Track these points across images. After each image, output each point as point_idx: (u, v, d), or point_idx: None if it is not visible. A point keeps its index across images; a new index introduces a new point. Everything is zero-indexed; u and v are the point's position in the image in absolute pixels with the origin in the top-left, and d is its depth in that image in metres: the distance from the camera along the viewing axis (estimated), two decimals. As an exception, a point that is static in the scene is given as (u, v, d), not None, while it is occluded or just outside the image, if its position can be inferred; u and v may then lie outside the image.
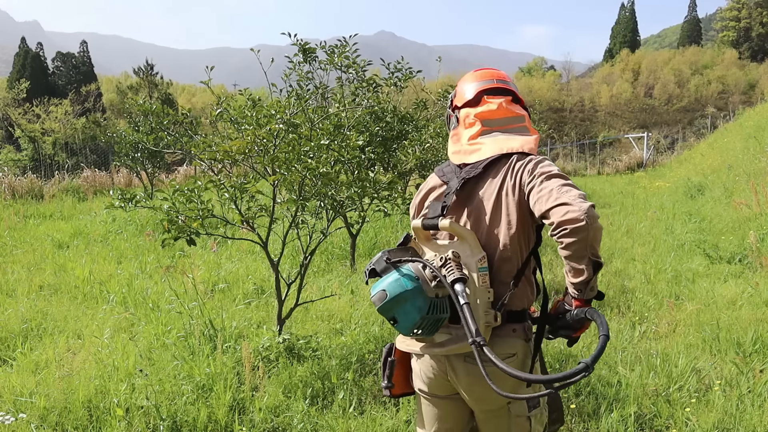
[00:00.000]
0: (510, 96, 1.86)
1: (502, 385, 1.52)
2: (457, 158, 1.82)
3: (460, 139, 1.85)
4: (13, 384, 3.34)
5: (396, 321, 1.59)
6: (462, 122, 1.86)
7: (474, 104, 1.84)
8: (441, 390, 1.78)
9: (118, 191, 3.43)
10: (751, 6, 50.60)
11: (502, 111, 1.81)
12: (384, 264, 1.64)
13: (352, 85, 4.92)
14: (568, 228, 1.46)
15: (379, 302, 1.58)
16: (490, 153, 1.74)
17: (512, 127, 1.80)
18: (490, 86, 1.85)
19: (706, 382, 3.42)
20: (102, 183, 16.91)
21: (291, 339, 3.83)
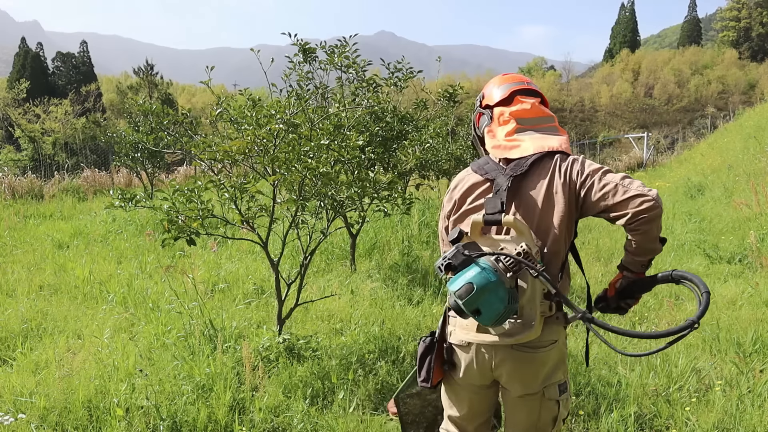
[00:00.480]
0: (539, 98, 1.99)
1: (542, 368, 1.79)
2: (497, 152, 1.91)
3: (496, 135, 1.94)
4: (13, 384, 3.34)
5: (480, 313, 1.62)
6: (496, 119, 1.96)
7: (507, 103, 1.97)
8: (479, 380, 1.89)
9: (118, 191, 3.43)
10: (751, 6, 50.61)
11: (535, 110, 1.94)
12: (462, 257, 1.67)
13: (352, 85, 4.92)
14: (647, 215, 1.64)
15: (467, 295, 1.60)
16: (531, 150, 1.84)
17: (544, 126, 1.93)
18: (521, 87, 1.98)
19: (706, 382, 3.42)
20: (102, 183, 16.91)
21: (291, 339, 3.83)
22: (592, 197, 1.74)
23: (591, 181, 1.75)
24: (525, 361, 1.79)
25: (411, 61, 5.31)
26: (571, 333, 4.35)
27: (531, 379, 1.81)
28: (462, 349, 1.89)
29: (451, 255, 1.68)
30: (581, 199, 1.78)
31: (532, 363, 1.79)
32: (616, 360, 3.75)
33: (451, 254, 1.68)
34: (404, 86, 5.28)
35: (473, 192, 1.91)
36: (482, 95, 2.07)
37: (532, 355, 1.78)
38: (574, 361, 3.68)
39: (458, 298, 1.61)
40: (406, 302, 5.06)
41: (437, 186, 10.25)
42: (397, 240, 6.90)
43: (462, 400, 1.98)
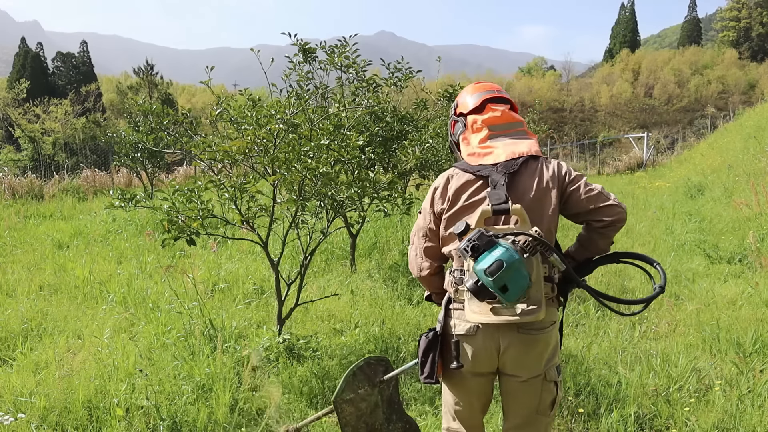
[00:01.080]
0: (508, 105, 2.14)
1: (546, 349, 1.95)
2: (472, 159, 2.06)
3: (470, 142, 2.10)
4: (13, 384, 3.34)
5: (507, 290, 1.74)
6: (470, 127, 2.12)
7: (479, 111, 2.12)
8: (485, 367, 1.98)
9: (118, 191, 3.43)
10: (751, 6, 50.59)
11: (505, 117, 2.09)
12: (487, 238, 1.78)
13: (352, 85, 4.92)
14: (619, 225, 1.96)
15: (498, 271, 1.71)
16: (504, 156, 2.00)
17: (513, 131, 2.09)
18: (492, 96, 2.13)
19: (706, 382, 3.42)
20: (102, 183, 16.91)
21: (291, 339, 3.83)
22: (579, 196, 1.97)
23: (578, 184, 1.99)
24: (530, 344, 1.91)
25: (411, 61, 5.32)
26: (571, 333, 4.36)
27: (536, 361, 1.94)
28: (470, 338, 1.95)
29: (476, 237, 1.77)
30: (566, 196, 2.00)
31: (537, 344, 1.92)
32: (616, 360, 3.75)
33: (476, 236, 1.78)
34: (404, 86, 5.28)
35: (467, 189, 2.01)
36: (456, 104, 2.22)
37: (536, 336, 1.91)
38: (574, 361, 3.68)
39: (489, 275, 1.72)
40: (406, 302, 5.06)
41: (437, 186, 10.25)
42: (397, 240, 6.90)
43: (469, 392, 2.05)
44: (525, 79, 44.54)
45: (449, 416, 2.12)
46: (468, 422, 2.10)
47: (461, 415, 2.09)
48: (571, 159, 28.61)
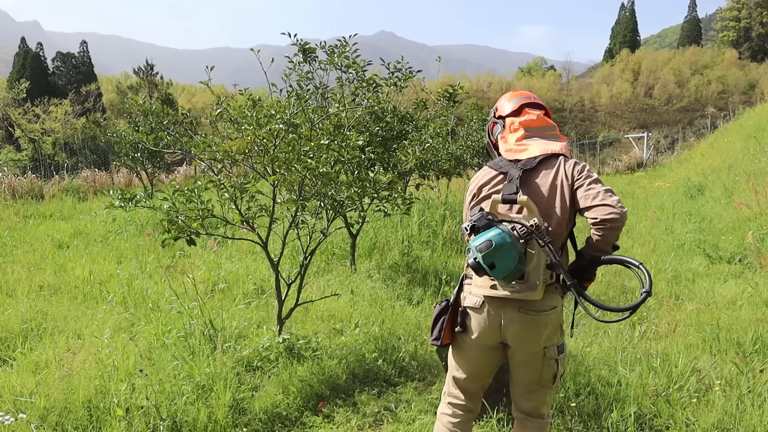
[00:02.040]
0: (543, 110, 2.39)
1: (544, 330, 2.13)
2: (509, 155, 2.29)
3: (508, 140, 2.33)
4: (13, 384, 3.34)
5: (494, 266, 1.97)
6: (508, 128, 2.35)
7: (516, 114, 2.36)
8: (490, 340, 2.20)
9: (118, 191, 3.43)
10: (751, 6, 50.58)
11: (540, 121, 2.33)
12: (486, 221, 2.02)
13: (352, 85, 4.92)
14: (610, 225, 2.04)
15: (486, 249, 1.95)
16: (538, 152, 2.22)
17: (548, 134, 2.32)
18: (529, 101, 2.38)
19: (706, 382, 3.42)
20: (102, 183, 16.92)
21: (291, 339, 3.83)
22: (579, 194, 2.14)
23: (583, 182, 2.15)
24: (530, 323, 2.11)
25: (411, 61, 5.31)
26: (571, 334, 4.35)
27: (535, 339, 2.14)
28: (476, 311, 2.19)
29: (476, 218, 2.03)
30: (574, 192, 2.16)
31: (536, 325, 2.12)
32: (617, 360, 3.75)
33: (476, 217, 2.03)
34: (404, 86, 5.27)
35: (489, 183, 2.27)
36: (495, 108, 2.46)
37: (536, 317, 2.11)
38: (574, 361, 3.68)
39: (479, 251, 1.96)
40: (406, 302, 5.06)
41: (437, 186, 10.25)
42: (397, 240, 6.90)
43: (470, 361, 2.28)
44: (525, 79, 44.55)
45: (450, 382, 2.37)
46: (466, 389, 2.32)
47: (460, 382, 2.32)
48: (571, 159, 28.56)
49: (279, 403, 3.31)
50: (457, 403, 2.34)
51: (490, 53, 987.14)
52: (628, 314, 2.08)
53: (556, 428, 3.02)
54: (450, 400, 2.36)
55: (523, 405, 2.29)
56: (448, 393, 2.37)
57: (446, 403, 2.37)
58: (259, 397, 3.38)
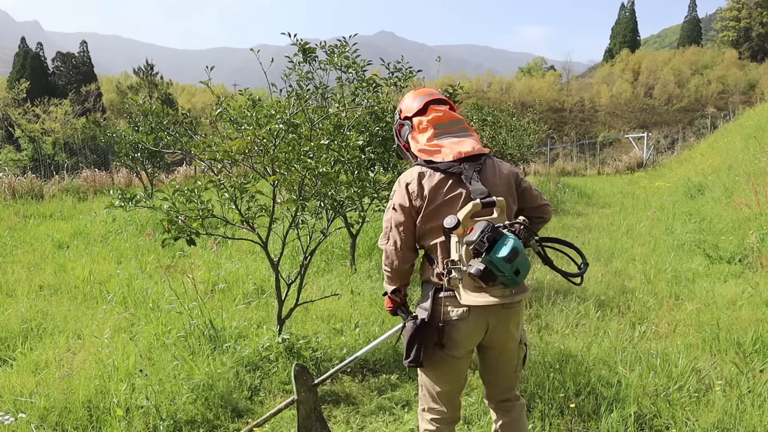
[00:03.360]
0: (448, 105, 2.38)
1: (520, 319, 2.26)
2: (423, 155, 2.24)
3: (419, 141, 2.29)
4: (13, 384, 3.34)
5: (519, 273, 1.97)
6: (416, 128, 2.32)
7: (423, 113, 2.33)
8: (472, 344, 2.21)
9: (118, 191, 3.43)
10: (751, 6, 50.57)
11: (447, 116, 2.31)
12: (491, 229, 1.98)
13: (352, 85, 4.91)
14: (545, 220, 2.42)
15: (515, 257, 1.94)
16: (451, 156, 2.19)
17: (456, 128, 2.30)
18: (433, 98, 2.36)
19: (706, 382, 3.42)
20: (102, 183, 16.90)
21: (291, 339, 3.83)
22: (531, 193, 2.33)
23: (527, 182, 2.34)
24: (513, 317, 2.19)
25: (411, 61, 5.30)
26: (571, 333, 4.36)
27: (515, 331, 2.23)
28: (461, 322, 2.14)
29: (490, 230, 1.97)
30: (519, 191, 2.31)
31: (517, 316, 2.21)
32: (616, 360, 3.75)
33: (489, 230, 1.97)
34: (404, 86, 5.27)
35: (443, 186, 2.16)
36: (400, 110, 2.44)
37: (517, 309, 2.20)
38: (574, 361, 3.68)
39: (508, 261, 1.93)
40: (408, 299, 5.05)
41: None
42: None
43: (457, 372, 2.23)
44: (525, 79, 44.53)
45: (429, 398, 2.28)
46: (450, 402, 2.27)
47: (444, 397, 2.25)
48: (571, 159, 28.59)
49: (278, 403, 3.31)
50: (441, 417, 2.27)
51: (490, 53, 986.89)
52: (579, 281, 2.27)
53: (556, 428, 3.02)
54: (432, 416, 2.27)
55: (504, 394, 2.35)
56: (428, 409, 2.28)
57: (428, 420, 2.28)
58: (258, 397, 3.39)
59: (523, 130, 14.65)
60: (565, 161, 27.29)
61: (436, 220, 2.14)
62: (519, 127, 14.38)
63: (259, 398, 3.43)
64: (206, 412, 3.18)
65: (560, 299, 5.11)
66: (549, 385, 3.33)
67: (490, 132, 12.45)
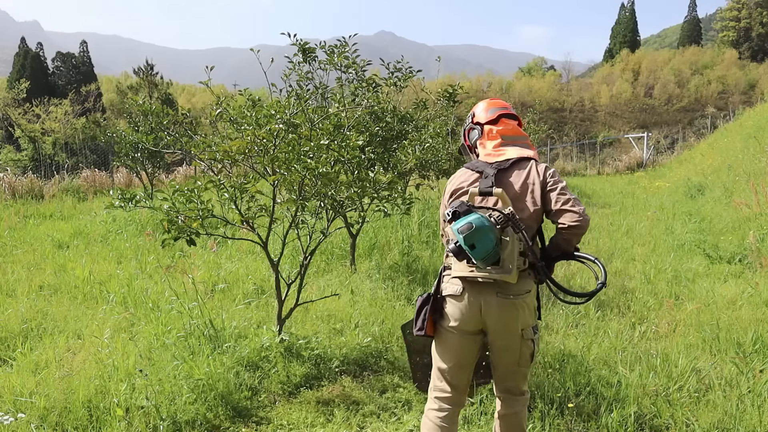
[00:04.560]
0: (517, 121, 2.63)
1: (521, 314, 2.30)
2: (488, 158, 2.50)
3: (486, 146, 2.54)
4: (13, 384, 3.34)
5: (474, 247, 2.18)
6: (486, 135, 2.56)
7: (494, 123, 2.57)
8: (470, 326, 2.34)
9: (118, 191, 3.43)
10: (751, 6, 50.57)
11: (515, 131, 2.58)
12: (465, 207, 2.25)
13: (352, 85, 4.91)
14: (574, 230, 2.31)
15: (467, 231, 2.16)
16: (513, 156, 2.46)
17: (520, 142, 2.56)
18: (506, 111, 2.60)
19: (706, 382, 3.42)
20: (102, 183, 16.90)
21: (291, 339, 3.83)
22: (551, 197, 2.36)
23: (556, 186, 2.38)
24: (507, 306, 2.29)
25: (411, 61, 5.30)
26: (571, 333, 4.36)
27: (512, 322, 2.31)
28: (456, 298, 2.35)
29: (457, 205, 2.25)
30: (545, 193, 2.38)
31: (513, 308, 2.29)
32: (616, 360, 3.75)
33: (457, 204, 2.26)
34: (404, 86, 5.27)
35: (468, 181, 2.48)
36: (473, 114, 2.65)
37: (513, 301, 2.28)
38: (574, 361, 3.68)
39: (460, 233, 2.16)
40: (405, 302, 5.06)
41: (437, 186, 10.25)
42: (397, 240, 6.90)
43: (453, 350, 2.40)
44: (525, 79, 44.53)
45: (436, 375, 2.47)
46: (453, 381, 2.42)
47: (446, 374, 2.42)
48: (571, 159, 28.58)
49: (278, 403, 3.31)
50: (443, 396, 2.43)
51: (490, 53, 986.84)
52: (585, 300, 2.37)
53: (556, 428, 3.02)
54: (436, 394, 2.45)
55: (506, 385, 2.47)
56: (434, 387, 2.48)
57: (433, 398, 2.46)
58: (258, 397, 3.38)
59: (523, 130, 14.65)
60: (565, 161, 27.30)
61: None
62: (519, 127, 14.36)
63: (259, 398, 3.43)
64: (206, 412, 3.19)
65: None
66: (549, 385, 3.34)
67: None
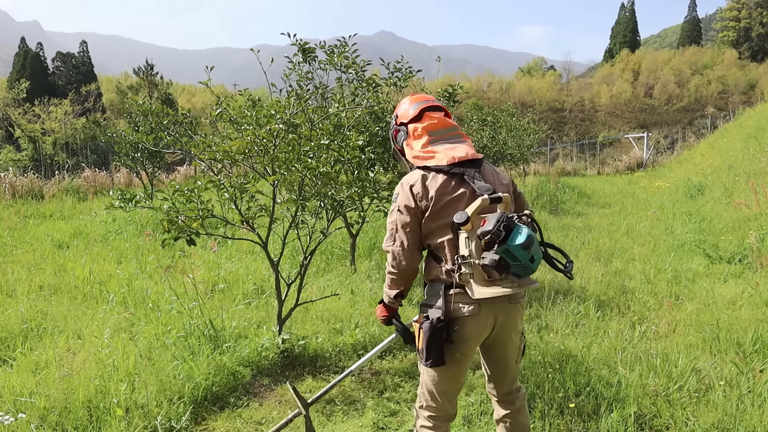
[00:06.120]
0: (443, 112, 2.42)
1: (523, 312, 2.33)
2: (418, 162, 2.31)
3: (414, 147, 2.35)
4: (13, 384, 3.34)
5: (533, 260, 2.06)
6: (411, 134, 2.37)
7: (418, 120, 2.37)
8: (478, 341, 2.24)
9: (118, 191, 3.43)
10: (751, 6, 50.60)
11: (442, 123, 2.36)
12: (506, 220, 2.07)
13: (352, 85, 4.91)
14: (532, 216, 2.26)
15: (531, 245, 2.03)
16: (445, 161, 2.24)
17: (450, 135, 2.35)
18: (428, 104, 2.39)
19: (706, 382, 3.42)
20: (102, 183, 16.91)
21: (291, 339, 3.83)
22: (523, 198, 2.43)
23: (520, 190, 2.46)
24: (518, 311, 2.27)
25: (411, 61, 5.30)
26: (571, 333, 4.36)
27: (520, 323, 2.31)
28: (473, 317, 2.16)
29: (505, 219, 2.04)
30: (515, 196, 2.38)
31: (521, 309, 2.30)
32: (617, 360, 3.75)
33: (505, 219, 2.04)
34: (404, 86, 5.26)
35: (447, 187, 2.21)
36: (396, 115, 2.47)
37: (522, 302, 2.29)
38: (574, 361, 3.68)
39: (524, 249, 2.00)
40: (406, 302, 5.06)
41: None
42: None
43: (462, 370, 2.26)
44: (525, 79, 44.55)
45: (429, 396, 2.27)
46: (450, 400, 2.28)
47: (445, 395, 2.26)
48: (571, 159, 28.59)
49: (278, 404, 3.31)
50: (438, 415, 2.27)
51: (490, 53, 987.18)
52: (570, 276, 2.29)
53: (556, 428, 3.02)
54: (430, 414, 2.28)
55: (510, 387, 2.41)
56: (427, 407, 2.28)
57: (426, 417, 2.29)
58: (258, 398, 3.38)
59: (523, 130, 14.65)
60: (565, 161, 27.30)
61: (443, 219, 2.18)
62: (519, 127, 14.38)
63: (259, 398, 3.43)
64: (205, 412, 3.19)
65: (560, 299, 5.11)
66: (549, 385, 3.33)
67: (490, 132, 12.45)
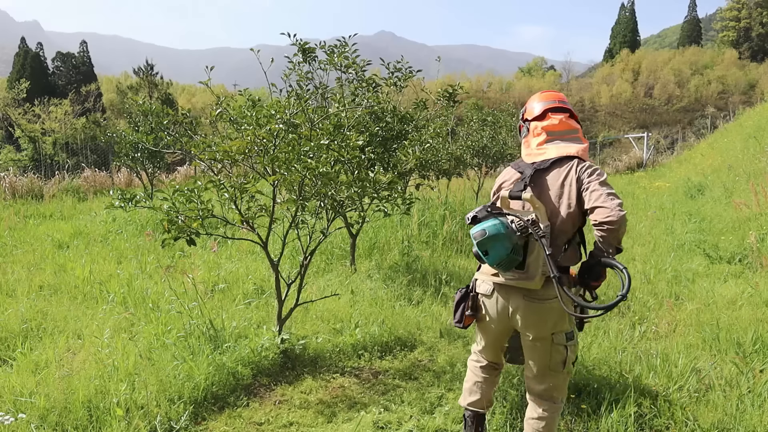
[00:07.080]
0: (567, 113, 2.51)
1: (549, 317, 2.33)
2: (529, 159, 2.48)
3: (530, 145, 2.51)
4: (13, 384, 3.34)
5: (487, 254, 2.22)
6: (531, 132, 2.53)
7: (540, 119, 2.51)
8: (501, 324, 2.49)
9: (118, 191, 3.42)
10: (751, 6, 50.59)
11: (562, 125, 2.47)
12: (485, 212, 2.28)
13: (352, 85, 4.91)
14: (605, 227, 2.17)
15: (480, 237, 2.19)
16: (554, 155, 2.40)
17: (569, 137, 2.47)
18: (553, 105, 2.51)
19: (706, 382, 3.42)
20: (102, 183, 16.91)
21: (291, 339, 3.83)
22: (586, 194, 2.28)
23: (589, 184, 2.28)
24: (534, 310, 2.34)
25: (411, 61, 5.30)
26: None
27: (541, 325, 2.35)
28: (487, 297, 2.47)
29: (477, 210, 2.28)
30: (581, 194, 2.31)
31: (541, 312, 2.33)
32: (617, 360, 3.75)
33: (477, 210, 2.28)
34: (404, 86, 5.27)
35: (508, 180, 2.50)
36: (524, 109, 2.62)
37: (540, 305, 2.33)
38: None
39: (474, 239, 2.20)
40: (406, 302, 5.06)
41: (437, 186, 10.26)
42: (397, 240, 6.90)
43: (486, 336, 2.61)
44: (525, 79, 44.59)
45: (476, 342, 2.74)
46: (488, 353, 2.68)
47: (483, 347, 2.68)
48: (571, 159, 28.56)
49: (278, 404, 3.31)
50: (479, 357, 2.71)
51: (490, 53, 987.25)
52: (602, 313, 2.23)
53: (556, 428, 3.01)
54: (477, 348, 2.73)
55: (534, 388, 2.49)
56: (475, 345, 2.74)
57: (474, 352, 2.74)
58: (258, 397, 3.38)
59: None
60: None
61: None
62: (519, 127, 14.36)
63: (259, 398, 3.43)
64: (205, 412, 3.19)
65: (560, 299, 5.11)
66: (549, 385, 3.33)
67: (490, 132, 12.45)
